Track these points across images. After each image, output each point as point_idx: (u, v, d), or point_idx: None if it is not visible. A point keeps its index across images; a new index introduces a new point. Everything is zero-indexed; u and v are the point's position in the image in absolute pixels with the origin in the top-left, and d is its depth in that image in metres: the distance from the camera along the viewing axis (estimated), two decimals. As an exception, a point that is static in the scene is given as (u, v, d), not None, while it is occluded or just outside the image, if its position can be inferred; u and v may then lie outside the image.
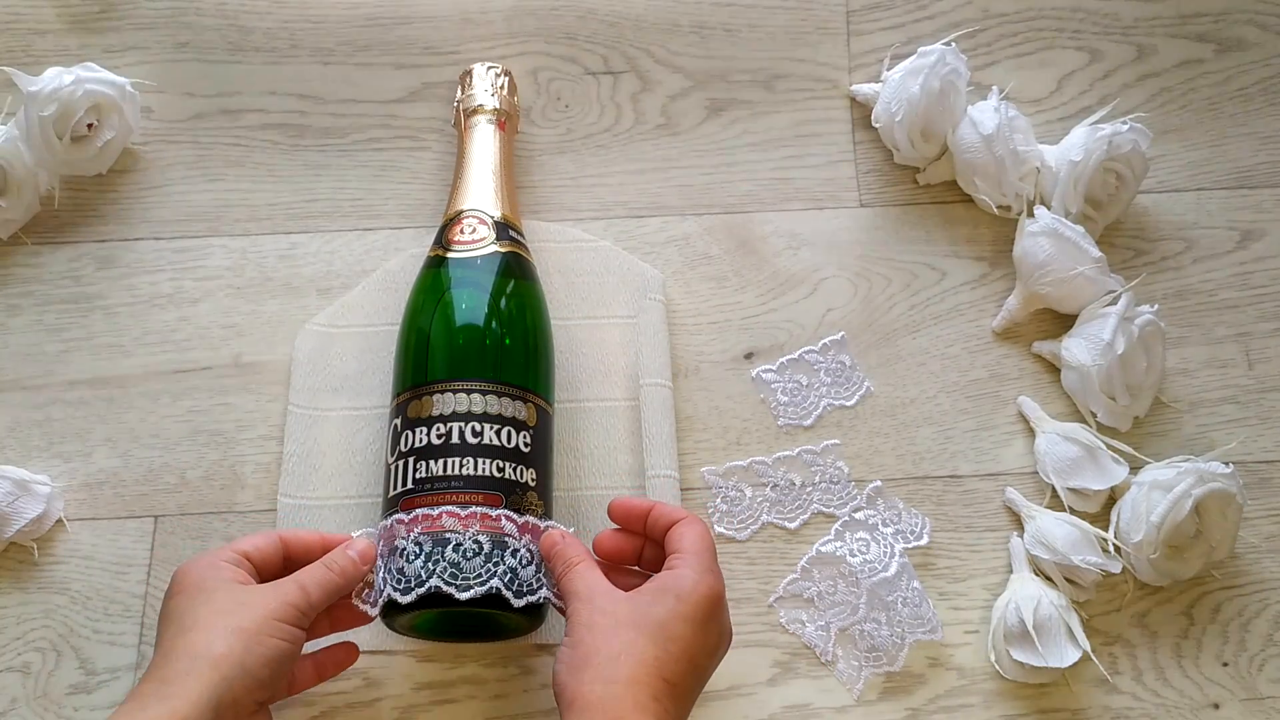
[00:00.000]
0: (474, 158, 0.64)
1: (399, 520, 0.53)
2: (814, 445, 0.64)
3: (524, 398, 0.56)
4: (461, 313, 0.58)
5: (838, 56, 0.73)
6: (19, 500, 0.60)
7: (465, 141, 0.65)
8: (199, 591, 0.50)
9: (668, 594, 0.50)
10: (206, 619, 0.48)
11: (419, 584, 0.51)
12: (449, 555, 0.52)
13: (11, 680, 0.59)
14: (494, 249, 0.60)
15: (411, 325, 0.59)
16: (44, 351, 0.66)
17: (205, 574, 0.51)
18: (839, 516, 0.63)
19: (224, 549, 0.52)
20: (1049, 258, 0.64)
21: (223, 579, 0.50)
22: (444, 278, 0.60)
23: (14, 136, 0.66)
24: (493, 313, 0.58)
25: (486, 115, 0.65)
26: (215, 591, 0.50)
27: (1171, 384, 0.66)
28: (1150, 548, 0.59)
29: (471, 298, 0.59)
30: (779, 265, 0.68)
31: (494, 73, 0.67)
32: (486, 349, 0.57)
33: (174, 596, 0.50)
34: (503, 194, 0.63)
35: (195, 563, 0.51)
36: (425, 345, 0.58)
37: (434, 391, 0.55)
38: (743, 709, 0.59)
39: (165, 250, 0.68)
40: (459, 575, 0.51)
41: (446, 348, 0.57)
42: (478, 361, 0.57)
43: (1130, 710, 0.59)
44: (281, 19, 0.73)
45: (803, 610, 0.61)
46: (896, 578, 0.60)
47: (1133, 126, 0.66)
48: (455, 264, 0.60)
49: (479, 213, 0.61)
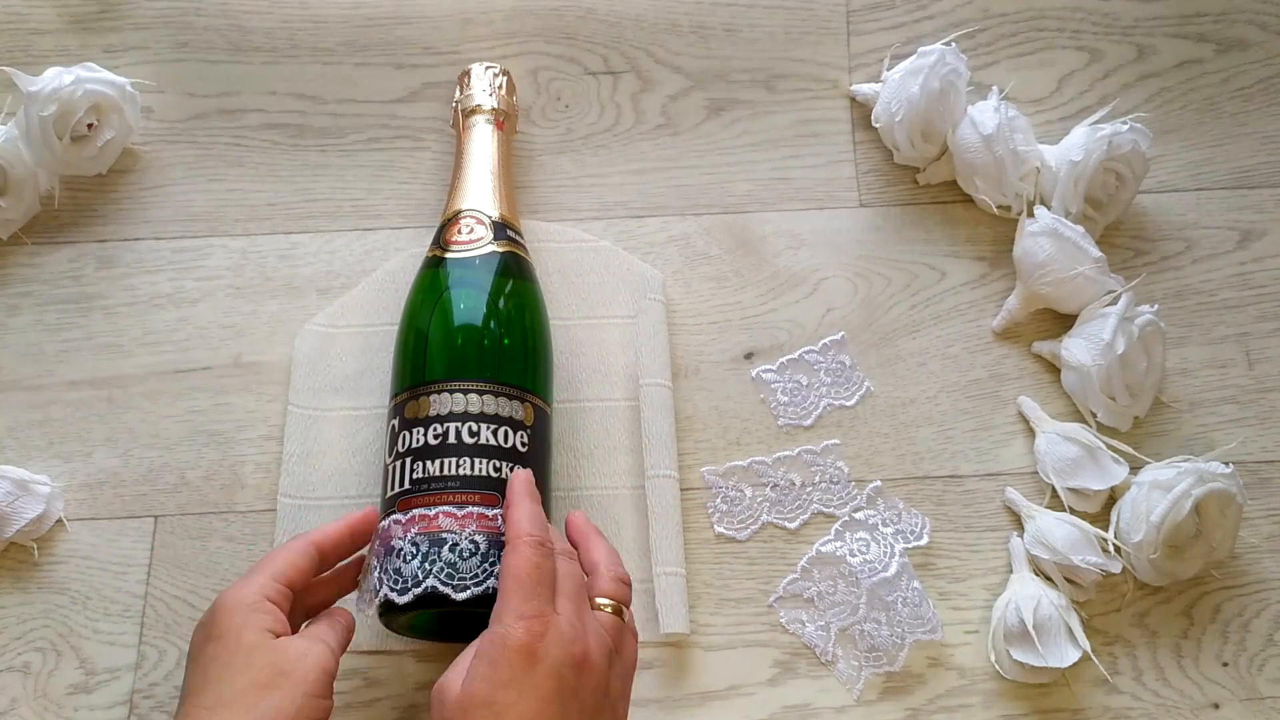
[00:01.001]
0: (472, 158, 0.64)
1: (396, 521, 0.53)
2: (814, 445, 0.64)
3: (521, 397, 0.56)
4: (458, 313, 0.58)
5: (838, 56, 0.73)
6: (19, 500, 0.60)
7: (463, 141, 0.65)
8: (237, 649, 0.47)
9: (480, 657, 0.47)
10: (245, 695, 0.46)
11: (416, 584, 0.51)
12: (445, 555, 0.52)
13: (11, 680, 0.59)
14: (491, 249, 0.60)
15: (409, 326, 0.59)
16: (44, 351, 0.66)
17: (245, 622, 0.48)
18: (839, 516, 0.63)
19: (267, 579, 0.50)
20: (1049, 258, 0.63)
21: (262, 630, 0.48)
22: (441, 278, 0.60)
23: (14, 136, 0.66)
24: (490, 313, 0.58)
25: (485, 115, 0.65)
26: (253, 652, 0.47)
27: (1171, 384, 0.66)
28: (1150, 548, 0.59)
29: (468, 298, 0.59)
30: (779, 265, 0.68)
31: (492, 72, 0.67)
32: (484, 349, 0.57)
33: (211, 642, 0.48)
34: (501, 194, 0.63)
35: (237, 603, 0.49)
36: (423, 345, 0.58)
37: (431, 392, 0.55)
38: (743, 709, 0.59)
39: (165, 250, 0.68)
40: (456, 575, 0.51)
41: (444, 348, 0.57)
42: (475, 362, 0.57)
43: (1130, 710, 0.59)
44: (281, 19, 0.73)
45: (803, 610, 0.61)
46: (896, 578, 0.60)
47: (1133, 126, 0.66)
48: (452, 264, 0.60)
49: (477, 213, 0.61)
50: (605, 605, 0.50)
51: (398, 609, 0.52)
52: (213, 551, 0.62)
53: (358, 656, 0.59)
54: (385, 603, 0.52)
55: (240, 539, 0.62)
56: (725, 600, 0.61)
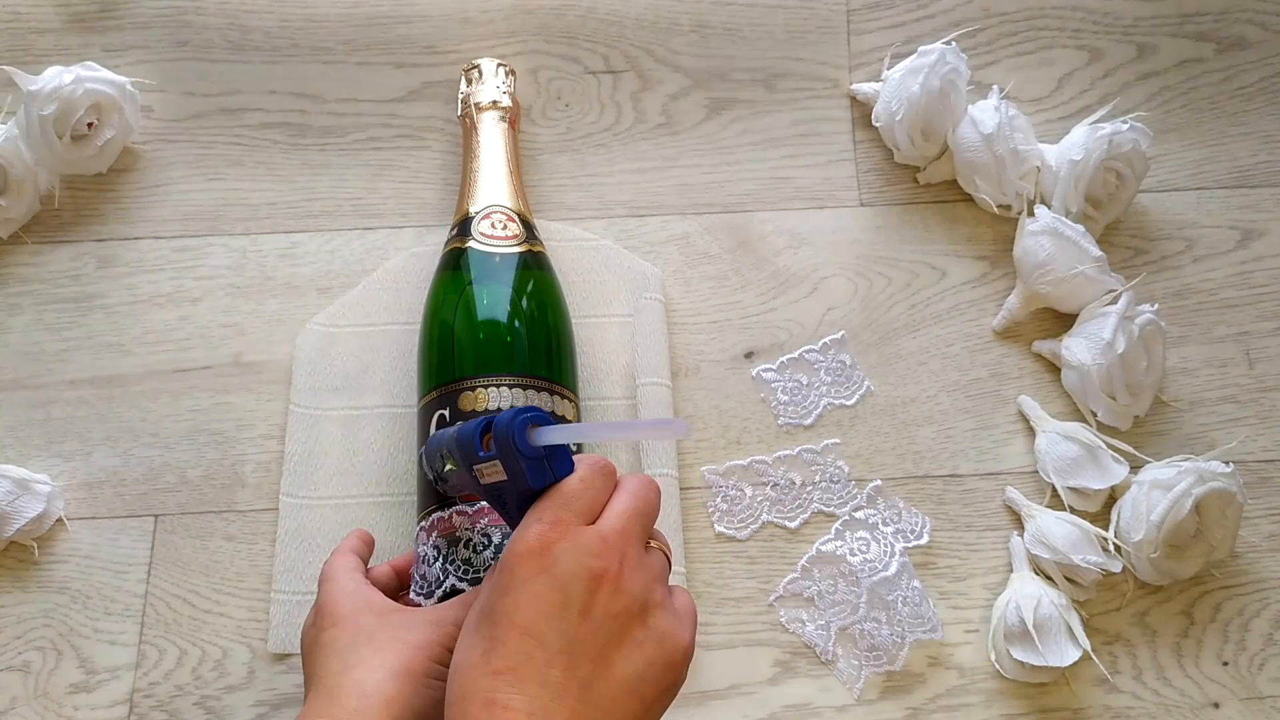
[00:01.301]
0: (489, 153, 0.64)
1: (421, 528, 0.55)
2: (814, 444, 0.64)
3: (562, 393, 0.57)
4: (496, 309, 0.58)
5: (838, 55, 0.73)
6: (19, 499, 0.60)
7: (476, 136, 0.65)
8: (358, 630, 0.47)
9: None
10: (370, 659, 0.46)
11: (438, 585, 0.52)
12: (461, 553, 0.52)
13: (11, 679, 0.59)
14: (526, 245, 0.61)
15: (436, 322, 0.59)
16: (44, 351, 0.66)
17: (361, 607, 0.49)
18: (839, 516, 0.63)
19: (357, 562, 0.52)
20: (1049, 257, 0.63)
21: (378, 610, 0.49)
22: (473, 272, 0.59)
23: (14, 135, 0.66)
24: (521, 309, 0.59)
25: (500, 112, 0.65)
26: (376, 631, 0.47)
27: (1172, 383, 0.66)
28: (1150, 547, 0.59)
29: (503, 293, 0.59)
30: (779, 264, 0.68)
31: (504, 70, 0.67)
32: (523, 343, 0.58)
33: (330, 629, 0.48)
34: (519, 191, 0.63)
35: (345, 591, 0.50)
36: (457, 341, 0.58)
37: (490, 385, 0.55)
38: (743, 708, 0.59)
39: (165, 249, 0.68)
40: (471, 570, 0.52)
41: (483, 343, 0.58)
42: (529, 357, 0.57)
43: (1130, 709, 0.59)
44: (281, 18, 0.73)
45: (803, 609, 0.61)
46: (896, 577, 0.60)
47: (1133, 126, 0.66)
48: (486, 258, 0.60)
49: (505, 208, 0.62)
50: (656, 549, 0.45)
51: None
52: (213, 551, 0.62)
53: (358, 656, 0.59)
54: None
55: (241, 538, 0.62)
56: (725, 599, 0.61)
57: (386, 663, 0.46)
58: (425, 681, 0.46)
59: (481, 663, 0.39)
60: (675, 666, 0.42)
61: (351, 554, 0.53)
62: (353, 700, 0.44)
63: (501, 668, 0.39)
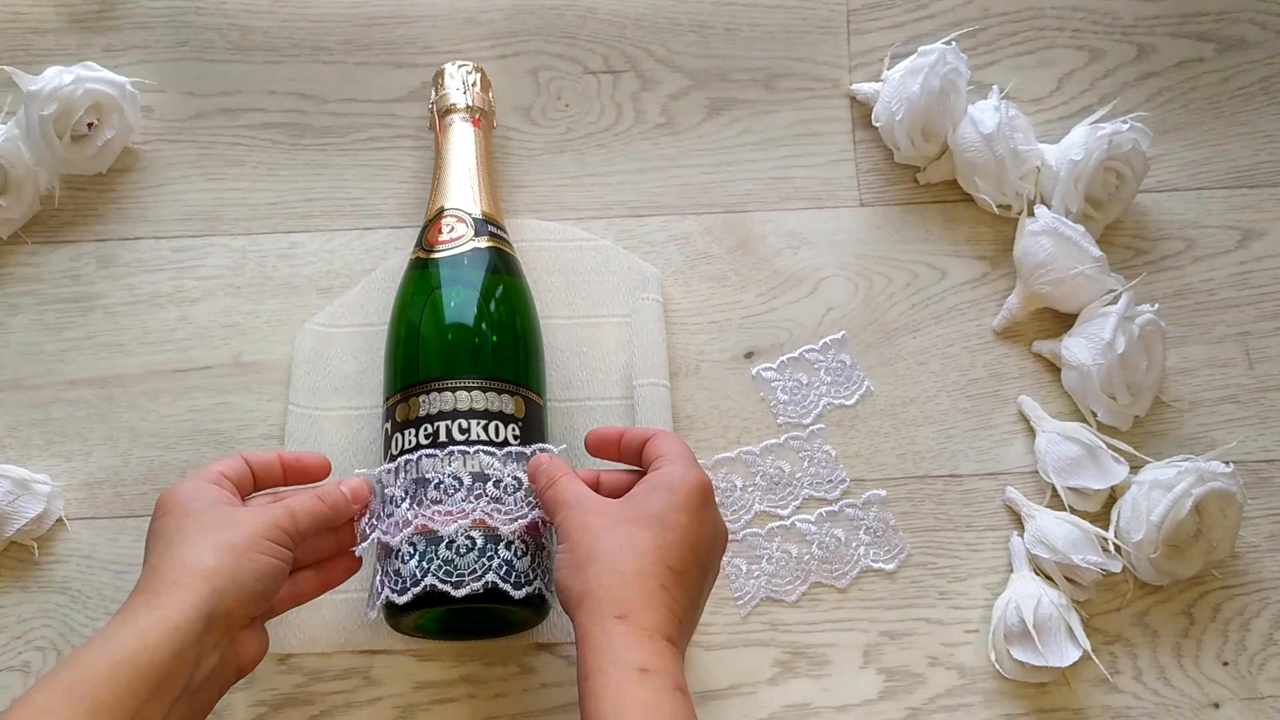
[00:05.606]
0: (451, 156, 0.64)
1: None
2: (800, 432, 0.64)
3: (511, 391, 0.56)
4: (442, 311, 0.58)
5: (838, 55, 0.73)
6: (19, 499, 0.60)
7: (441, 141, 0.65)
8: (186, 513, 0.50)
9: (659, 488, 0.50)
10: (195, 535, 0.48)
11: (414, 584, 0.52)
12: (442, 553, 0.52)
13: (11, 680, 0.59)
14: (473, 246, 0.60)
15: (395, 329, 0.60)
16: (44, 351, 0.66)
17: (191, 496, 0.51)
18: (831, 501, 0.63)
19: (204, 471, 0.53)
20: (1049, 257, 0.63)
21: (209, 500, 0.51)
22: (424, 279, 0.60)
23: (14, 136, 0.66)
24: (473, 309, 0.58)
25: (460, 114, 0.65)
26: (203, 513, 0.50)
27: (1172, 383, 0.66)
28: (1150, 547, 0.59)
29: (451, 296, 0.59)
30: (779, 264, 0.68)
31: (464, 70, 0.66)
32: (471, 346, 0.57)
33: (160, 518, 0.50)
34: (482, 190, 0.63)
35: (179, 486, 0.51)
36: (408, 347, 0.58)
37: (421, 393, 0.56)
38: (742, 709, 0.59)
39: (165, 250, 0.68)
40: (453, 572, 0.52)
41: (427, 347, 0.58)
42: (464, 359, 0.57)
43: (1130, 710, 0.59)
44: (281, 18, 0.73)
45: (741, 558, 0.62)
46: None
47: (1133, 126, 0.66)
48: (434, 264, 0.60)
49: (458, 211, 0.61)
50: None
51: (399, 609, 0.52)
52: (213, 551, 0.62)
53: (358, 656, 0.59)
54: (387, 604, 0.53)
55: (240, 538, 0.62)
56: (725, 599, 0.61)
57: (208, 539, 0.48)
58: (249, 555, 0.48)
59: (656, 554, 0.48)
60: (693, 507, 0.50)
61: (209, 468, 0.53)
62: (171, 574, 0.47)
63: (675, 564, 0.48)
